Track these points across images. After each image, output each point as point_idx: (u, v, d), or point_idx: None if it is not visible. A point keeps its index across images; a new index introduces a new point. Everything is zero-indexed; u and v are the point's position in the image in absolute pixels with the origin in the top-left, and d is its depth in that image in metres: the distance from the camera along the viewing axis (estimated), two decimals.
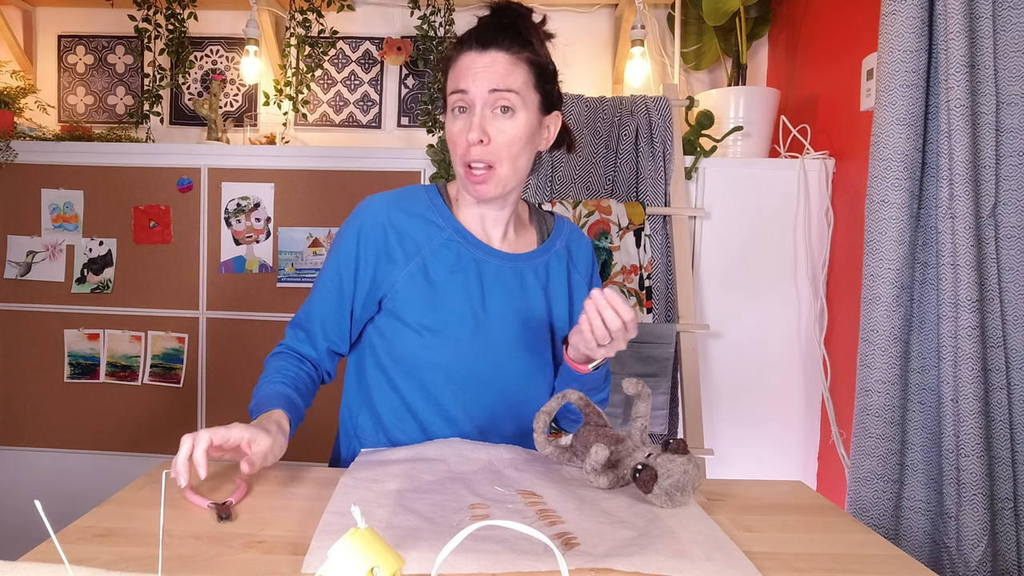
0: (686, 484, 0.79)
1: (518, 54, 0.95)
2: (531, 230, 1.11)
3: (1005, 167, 1.23)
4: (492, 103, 0.94)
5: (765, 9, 2.23)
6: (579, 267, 1.12)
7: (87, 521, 0.74)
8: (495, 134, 0.95)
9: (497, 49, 0.94)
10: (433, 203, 1.04)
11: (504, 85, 0.94)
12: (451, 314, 1.00)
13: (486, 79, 0.93)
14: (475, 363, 1.01)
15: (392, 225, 1.01)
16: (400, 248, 1.00)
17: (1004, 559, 1.20)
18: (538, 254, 1.07)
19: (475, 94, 0.94)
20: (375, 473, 0.87)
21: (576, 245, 1.13)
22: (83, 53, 2.49)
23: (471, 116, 0.95)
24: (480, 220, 1.05)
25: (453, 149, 0.98)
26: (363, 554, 0.50)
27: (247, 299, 2.04)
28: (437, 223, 1.02)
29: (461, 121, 0.96)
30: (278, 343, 1.08)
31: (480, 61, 0.94)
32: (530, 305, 1.05)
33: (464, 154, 0.96)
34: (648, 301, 1.90)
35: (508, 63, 0.94)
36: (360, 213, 1.03)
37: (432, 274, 1.00)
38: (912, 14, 1.23)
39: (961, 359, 1.19)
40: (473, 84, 0.94)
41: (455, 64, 0.97)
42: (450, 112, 0.98)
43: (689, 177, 1.97)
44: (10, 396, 2.08)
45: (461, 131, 0.96)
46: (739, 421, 1.98)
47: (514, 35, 0.95)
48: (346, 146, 2.22)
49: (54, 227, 2.06)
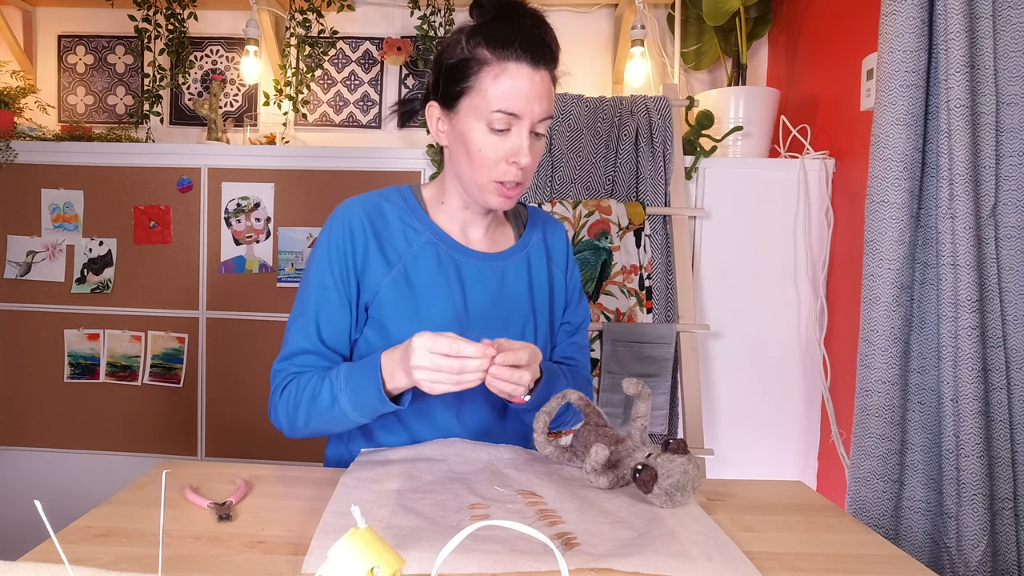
0: (686, 484, 0.79)
1: (554, 72, 0.94)
2: (507, 225, 1.11)
3: (1005, 167, 1.23)
4: (535, 127, 0.92)
5: (765, 9, 2.22)
6: (556, 259, 1.12)
7: (87, 521, 0.74)
8: (533, 156, 0.94)
9: (545, 68, 0.91)
10: (409, 206, 1.02)
11: (549, 112, 0.92)
12: (435, 319, 0.98)
13: (540, 105, 0.90)
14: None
15: (373, 231, 0.98)
16: (381, 254, 0.98)
17: (1004, 559, 1.20)
18: (517, 249, 1.07)
19: (526, 118, 0.90)
20: (375, 473, 0.87)
21: (552, 235, 1.13)
22: (83, 53, 2.49)
23: (518, 139, 0.91)
24: (460, 223, 1.03)
25: (483, 165, 0.92)
26: (363, 554, 0.50)
27: (247, 299, 2.04)
28: (415, 227, 1.01)
29: (500, 141, 0.91)
30: (279, 383, 0.98)
31: (533, 82, 0.89)
32: (512, 304, 1.04)
33: (502, 173, 0.92)
34: (648, 301, 1.90)
35: (551, 84, 0.93)
36: (339, 218, 0.99)
37: (414, 280, 0.98)
38: (912, 14, 1.23)
39: (961, 359, 1.19)
40: (528, 108, 0.90)
41: (500, 75, 0.89)
42: (482, 125, 0.91)
43: (689, 177, 1.97)
44: (10, 396, 2.08)
45: (502, 152, 0.91)
46: (739, 421, 1.98)
47: (554, 51, 0.93)
48: (346, 146, 2.23)
49: (54, 227, 2.06)
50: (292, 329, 0.99)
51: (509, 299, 1.04)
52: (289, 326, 1.00)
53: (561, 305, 1.12)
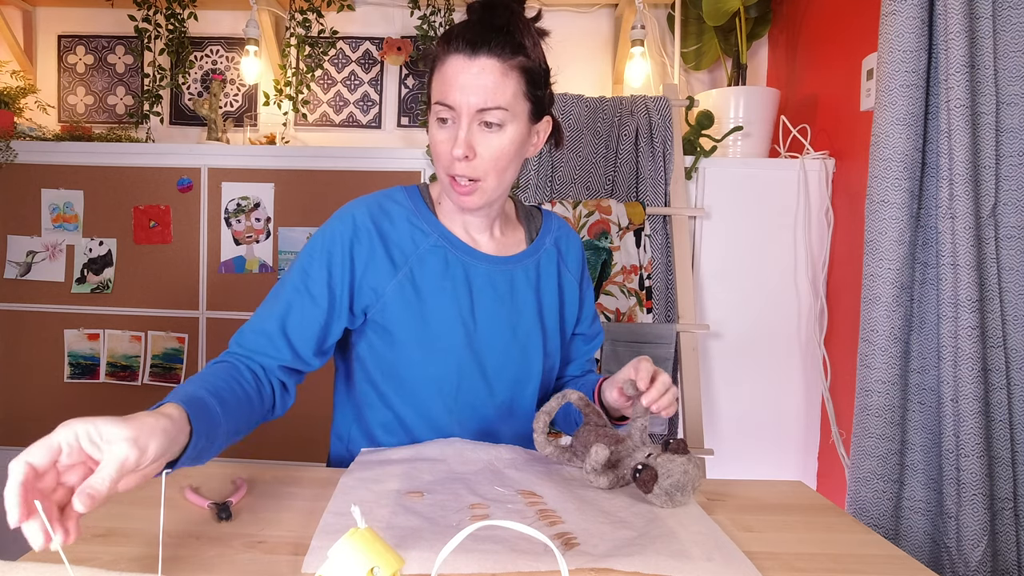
0: (686, 484, 0.79)
1: (509, 60, 0.87)
2: (519, 228, 1.08)
3: (1005, 167, 1.23)
4: (479, 118, 0.88)
5: (765, 9, 2.22)
6: (570, 265, 1.09)
7: (87, 521, 0.74)
8: (481, 149, 0.89)
9: (488, 55, 0.86)
10: (416, 207, 1.00)
11: (493, 103, 0.87)
12: (441, 325, 0.96)
13: (474, 94, 0.86)
14: (466, 375, 0.98)
15: (379, 232, 0.96)
16: (387, 257, 0.95)
17: (1004, 559, 1.20)
18: (528, 254, 1.04)
19: (461, 109, 0.87)
20: (375, 473, 0.87)
21: (566, 242, 1.10)
22: (83, 53, 2.49)
23: (456, 129, 0.89)
24: (462, 225, 1.01)
25: (437, 158, 0.93)
26: (363, 554, 0.50)
27: (247, 299, 2.03)
28: (422, 228, 0.98)
29: (445, 132, 0.90)
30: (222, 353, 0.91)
31: (469, 70, 0.86)
32: (520, 310, 1.01)
33: (448, 166, 0.91)
34: (648, 301, 1.90)
35: (498, 72, 0.87)
36: (343, 217, 0.96)
37: (420, 284, 0.96)
38: (912, 14, 1.23)
39: (961, 359, 1.19)
40: (460, 98, 0.87)
41: (441, 67, 0.89)
42: (434, 119, 0.92)
43: (689, 177, 1.97)
44: (10, 396, 2.08)
45: (444, 142, 0.90)
46: (739, 421, 1.98)
47: (507, 37, 0.87)
48: (346, 146, 2.23)
49: (54, 227, 2.06)
50: (260, 310, 0.94)
51: (518, 305, 1.01)
52: (260, 306, 0.94)
53: (573, 313, 1.10)
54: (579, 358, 1.15)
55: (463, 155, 0.88)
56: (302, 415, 2.03)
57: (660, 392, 0.86)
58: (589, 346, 1.15)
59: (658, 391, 0.86)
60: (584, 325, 1.13)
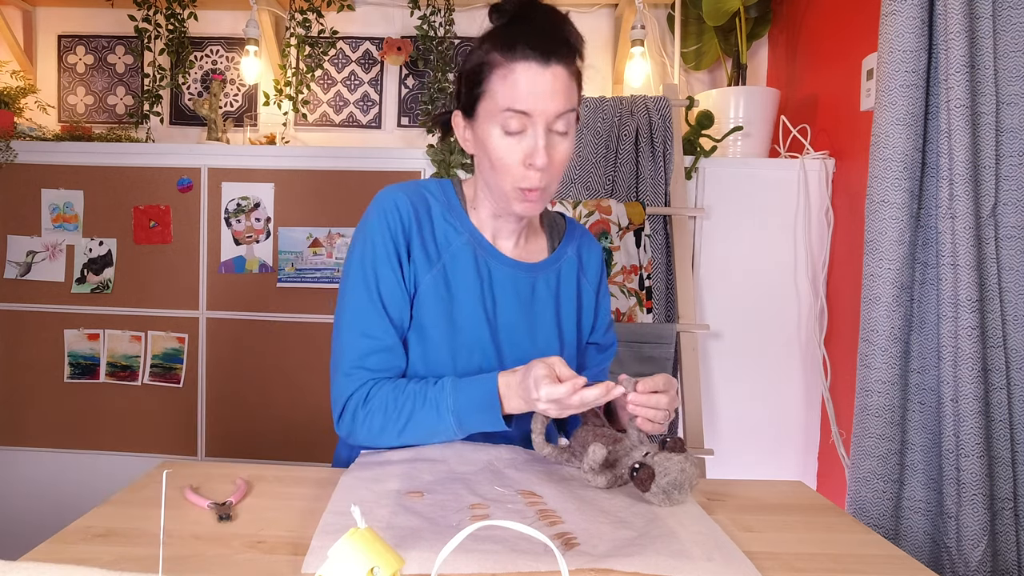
0: (684, 482, 0.79)
1: (571, 66, 0.88)
2: (541, 235, 1.08)
3: (1005, 167, 1.23)
4: (551, 125, 0.88)
5: (765, 9, 2.23)
6: (589, 275, 1.10)
7: (87, 521, 0.74)
8: (553, 156, 0.89)
9: (558, 63, 0.86)
10: (450, 203, 1.00)
11: (569, 106, 0.88)
12: (467, 322, 0.97)
13: (553, 101, 0.86)
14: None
15: (417, 221, 0.96)
16: (423, 249, 0.96)
17: (1004, 559, 1.20)
18: (550, 263, 1.05)
19: (539, 117, 0.87)
20: (375, 473, 0.87)
21: (587, 251, 1.11)
22: (83, 53, 2.49)
23: (532, 139, 0.88)
24: (492, 231, 1.01)
25: (504, 169, 0.90)
26: (363, 554, 0.50)
27: (247, 299, 2.03)
28: (455, 225, 0.99)
29: (516, 143, 0.89)
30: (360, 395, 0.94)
31: (543, 78, 0.86)
32: (540, 317, 1.02)
33: (521, 178, 0.90)
34: (648, 301, 1.90)
35: (568, 79, 0.88)
36: (385, 202, 0.97)
37: (451, 281, 0.97)
38: (912, 14, 1.23)
39: (961, 359, 1.19)
40: (538, 105, 0.86)
41: (508, 75, 0.87)
42: (498, 129, 0.89)
43: (689, 177, 1.97)
44: (10, 396, 2.08)
45: (519, 154, 0.89)
46: (739, 421, 1.98)
47: (570, 45, 0.88)
48: (346, 146, 2.22)
49: (54, 227, 2.06)
50: (350, 334, 0.95)
51: (538, 312, 1.02)
52: (343, 331, 0.96)
53: (589, 321, 1.10)
54: (592, 367, 1.14)
55: (545, 164, 0.88)
56: (302, 415, 2.03)
57: (649, 402, 0.85)
58: (602, 355, 1.14)
59: (647, 399, 0.85)
60: (598, 334, 1.13)
